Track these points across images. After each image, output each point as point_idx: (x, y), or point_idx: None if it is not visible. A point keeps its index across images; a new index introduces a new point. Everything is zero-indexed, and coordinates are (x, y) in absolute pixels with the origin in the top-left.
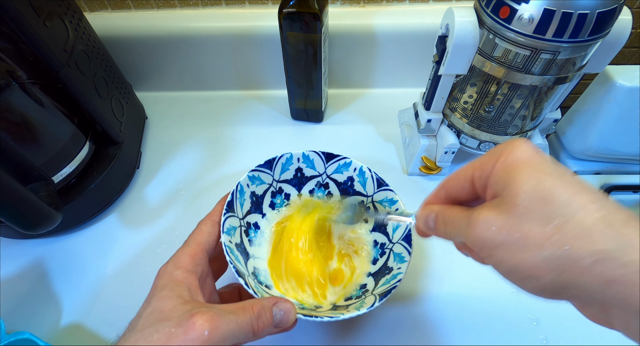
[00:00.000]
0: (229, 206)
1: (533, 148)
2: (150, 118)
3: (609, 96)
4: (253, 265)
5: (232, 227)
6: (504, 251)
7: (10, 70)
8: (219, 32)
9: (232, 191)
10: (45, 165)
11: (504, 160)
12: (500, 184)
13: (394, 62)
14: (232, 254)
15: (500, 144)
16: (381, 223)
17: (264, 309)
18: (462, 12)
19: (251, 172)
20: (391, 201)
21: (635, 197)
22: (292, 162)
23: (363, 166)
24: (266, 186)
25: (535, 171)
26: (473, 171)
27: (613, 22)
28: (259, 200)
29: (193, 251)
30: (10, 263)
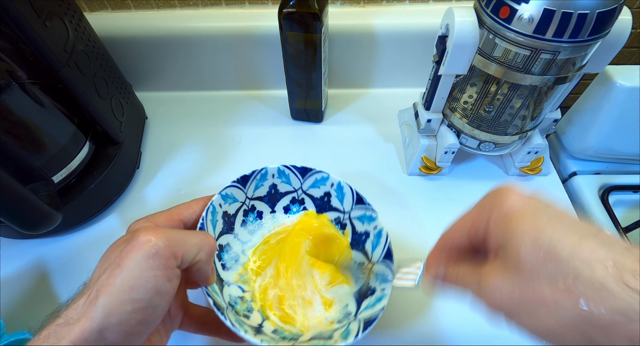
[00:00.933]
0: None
1: (522, 193)
2: (150, 118)
3: (609, 96)
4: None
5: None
6: (521, 315)
7: (10, 70)
8: (219, 32)
9: (203, 215)
10: (45, 165)
11: (498, 211)
12: (499, 237)
13: (394, 62)
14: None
15: (489, 194)
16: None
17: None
18: (462, 12)
19: (224, 190)
20: (370, 218)
21: (635, 197)
22: (266, 178)
23: (341, 181)
24: (238, 204)
25: (532, 220)
26: (469, 227)
27: (613, 22)
28: (230, 220)
29: (170, 216)
30: (10, 263)
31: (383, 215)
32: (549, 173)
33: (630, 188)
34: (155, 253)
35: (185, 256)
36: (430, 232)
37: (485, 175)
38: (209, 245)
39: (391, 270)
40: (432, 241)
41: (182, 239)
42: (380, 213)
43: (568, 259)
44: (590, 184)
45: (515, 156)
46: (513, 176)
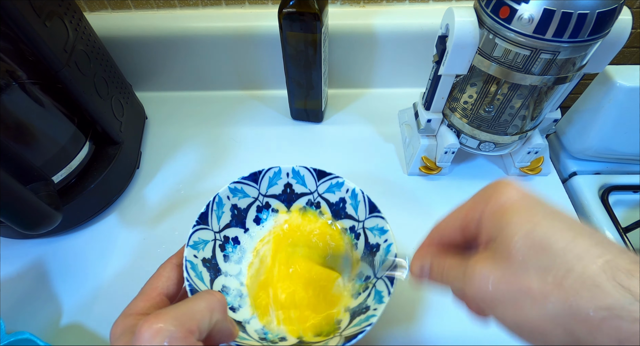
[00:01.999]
0: (202, 219)
1: (521, 189)
2: (150, 118)
3: (609, 96)
4: (222, 283)
5: (201, 241)
6: (505, 306)
7: (10, 70)
8: (219, 32)
9: (208, 203)
10: (45, 165)
11: (494, 203)
12: (492, 230)
13: (394, 62)
14: (192, 270)
15: (486, 187)
16: (375, 274)
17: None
18: (462, 12)
19: (233, 184)
20: (381, 230)
21: (635, 197)
22: (280, 176)
23: (356, 187)
24: (251, 200)
25: (528, 214)
26: (462, 218)
27: (613, 22)
28: (241, 214)
29: (148, 296)
30: (10, 263)
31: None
32: (549, 173)
33: (630, 188)
34: (170, 340)
35: (202, 326)
36: None
37: (485, 175)
38: (218, 302)
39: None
40: None
41: (189, 311)
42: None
43: (561, 253)
44: (590, 184)
45: (515, 156)
46: (513, 176)
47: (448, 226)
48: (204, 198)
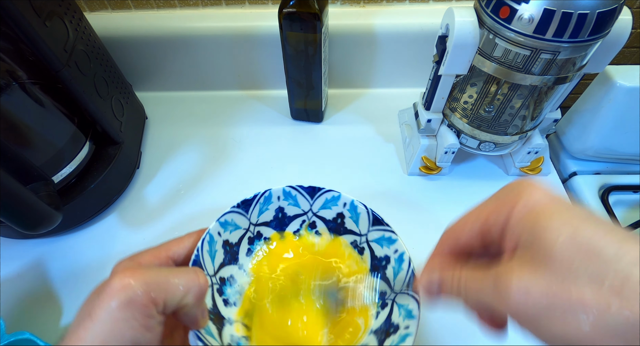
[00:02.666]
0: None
1: (547, 190)
2: (150, 118)
3: (609, 96)
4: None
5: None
6: (551, 320)
7: (10, 70)
8: (219, 32)
9: (198, 246)
10: (45, 165)
11: (522, 206)
12: (524, 235)
13: (394, 62)
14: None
15: (506, 187)
16: (392, 288)
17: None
18: (462, 12)
19: (223, 216)
20: (389, 240)
21: (635, 197)
22: (271, 201)
23: (354, 199)
24: (242, 232)
25: (568, 216)
26: (482, 222)
27: (613, 22)
28: (233, 249)
29: (157, 254)
30: (10, 263)
31: (383, 215)
32: (549, 173)
33: (630, 188)
34: (130, 300)
35: (169, 301)
36: (430, 232)
37: (485, 175)
38: (198, 286)
39: (416, 301)
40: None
41: (165, 281)
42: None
43: (614, 259)
44: (590, 184)
45: (515, 156)
46: (513, 176)
47: (465, 230)
48: (204, 197)
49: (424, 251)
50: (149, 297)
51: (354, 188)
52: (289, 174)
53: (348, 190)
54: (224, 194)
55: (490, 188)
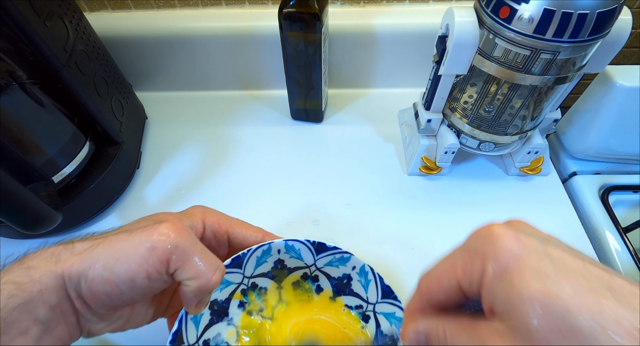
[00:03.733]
0: (175, 339)
1: (517, 234)
2: (150, 118)
3: (609, 96)
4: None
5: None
6: None
7: (10, 70)
8: (219, 32)
9: (180, 316)
10: (45, 165)
11: (494, 265)
12: (501, 301)
13: (394, 62)
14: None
15: (476, 234)
16: None
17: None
18: (462, 12)
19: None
20: (399, 319)
21: (635, 197)
22: (270, 254)
23: (366, 264)
24: (233, 287)
25: (538, 281)
26: (457, 276)
27: (613, 22)
28: (222, 306)
29: (224, 221)
30: None
31: (383, 216)
32: (549, 173)
33: (630, 188)
34: (155, 248)
35: (178, 273)
36: (430, 232)
37: (485, 175)
38: (206, 280)
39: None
40: (432, 242)
41: (190, 255)
42: (380, 214)
43: (590, 333)
44: (590, 184)
45: (515, 156)
46: (513, 176)
47: (441, 284)
48: (204, 198)
49: (424, 251)
50: (168, 257)
51: (353, 188)
52: (288, 174)
53: (348, 190)
54: (224, 195)
55: (491, 188)
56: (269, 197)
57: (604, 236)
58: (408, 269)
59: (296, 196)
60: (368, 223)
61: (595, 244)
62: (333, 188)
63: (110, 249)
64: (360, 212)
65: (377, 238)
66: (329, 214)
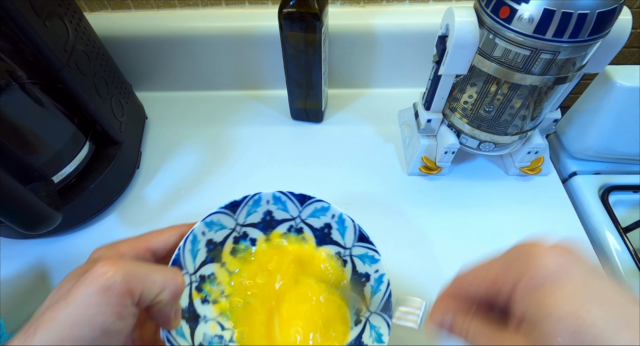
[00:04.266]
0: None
1: (558, 254)
2: (150, 118)
3: (609, 96)
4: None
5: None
6: None
7: (10, 70)
8: (219, 32)
9: (180, 245)
10: (45, 165)
11: (529, 279)
12: (530, 314)
13: (394, 62)
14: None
15: (517, 247)
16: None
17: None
18: (462, 12)
19: (209, 217)
20: (372, 259)
21: (635, 197)
22: (260, 204)
23: (343, 213)
24: (227, 231)
25: (570, 302)
26: (489, 283)
27: (613, 22)
28: (217, 248)
29: (136, 245)
30: (10, 263)
31: (383, 216)
32: (549, 173)
33: (630, 188)
34: (108, 287)
35: (145, 295)
36: (430, 232)
37: (485, 175)
38: (175, 285)
39: (388, 325)
40: (432, 242)
41: (144, 274)
42: (380, 214)
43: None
44: (590, 184)
45: (515, 156)
46: (513, 176)
47: (473, 284)
48: (204, 197)
49: (424, 251)
50: (127, 287)
51: (353, 188)
52: (288, 174)
53: (348, 190)
54: (224, 194)
55: (491, 188)
56: None
57: (604, 236)
58: (408, 269)
59: None
60: (368, 223)
61: (595, 244)
62: (333, 187)
63: (55, 323)
64: (360, 212)
65: (377, 238)
66: None
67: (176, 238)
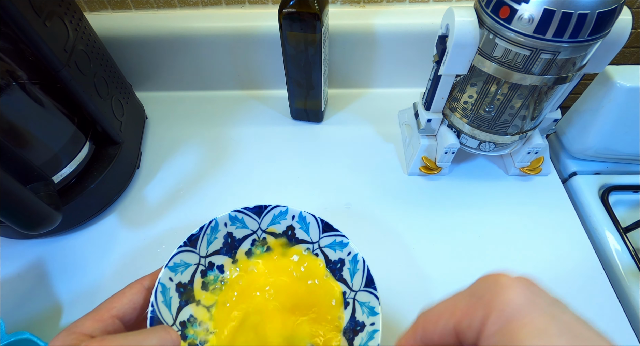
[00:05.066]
0: (190, 241)
1: (523, 287)
2: (150, 118)
3: (609, 96)
4: (190, 312)
5: (182, 263)
6: None
7: (10, 70)
8: (219, 32)
9: (203, 226)
10: (45, 165)
11: (498, 315)
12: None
13: (394, 62)
14: (162, 294)
15: (482, 280)
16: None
17: None
18: (462, 12)
19: (234, 212)
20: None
21: (635, 197)
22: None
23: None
24: (248, 232)
25: (541, 337)
26: (455, 321)
27: (613, 22)
28: (234, 243)
29: (100, 317)
30: (10, 263)
31: (383, 216)
32: (549, 173)
33: (630, 188)
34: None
35: None
36: (430, 232)
37: (485, 175)
38: (172, 343)
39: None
40: (432, 242)
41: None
42: (380, 214)
43: None
44: (590, 184)
45: (515, 156)
46: (513, 176)
47: (438, 325)
48: (204, 197)
49: (424, 251)
50: None
51: (353, 188)
52: (288, 174)
53: (348, 190)
54: (223, 194)
55: (491, 188)
56: (268, 197)
57: (604, 236)
58: (408, 269)
59: (296, 196)
60: (368, 223)
61: (595, 244)
62: (333, 188)
63: None
64: (360, 212)
65: (377, 238)
66: (329, 214)
67: (141, 296)
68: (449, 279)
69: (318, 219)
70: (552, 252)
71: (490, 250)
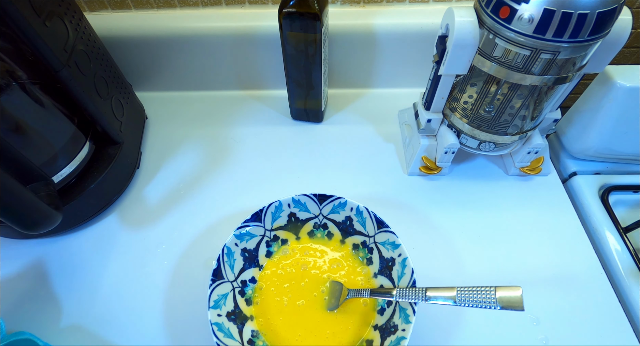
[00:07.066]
0: (216, 275)
1: None
2: (150, 118)
3: (609, 96)
4: (250, 329)
5: (221, 296)
6: None
7: (10, 70)
8: (219, 32)
9: (218, 257)
10: (45, 165)
11: None
12: None
13: (394, 62)
14: (220, 331)
15: None
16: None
17: None
18: (462, 12)
19: (237, 230)
20: (393, 244)
21: (635, 197)
22: (282, 209)
23: (360, 205)
24: (258, 238)
25: None
26: None
27: (613, 22)
28: (252, 254)
29: None
30: (10, 263)
31: (383, 216)
32: (549, 173)
33: (630, 188)
34: None
35: None
36: (430, 232)
37: (485, 175)
38: None
39: (413, 310)
40: (432, 242)
41: None
42: (380, 214)
43: None
44: (590, 184)
45: (515, 156)
46: (513, 176)
47: None
48: (204, 197)
49: (424, 250)
50: None
51: (353, 188)
52: (288, 174)
53: (348, 190)
54: (224, 194)
55: (491, 188)
56: (269, 197)
57: (604, 236)
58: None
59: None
60: None
61: (595, 244)
62: (333, 187)
63: None
64: None
65: None
66: None
67: None
68: (449, 279)
69: (311, 195)
70: (552, 252)
71: (490, 250)
